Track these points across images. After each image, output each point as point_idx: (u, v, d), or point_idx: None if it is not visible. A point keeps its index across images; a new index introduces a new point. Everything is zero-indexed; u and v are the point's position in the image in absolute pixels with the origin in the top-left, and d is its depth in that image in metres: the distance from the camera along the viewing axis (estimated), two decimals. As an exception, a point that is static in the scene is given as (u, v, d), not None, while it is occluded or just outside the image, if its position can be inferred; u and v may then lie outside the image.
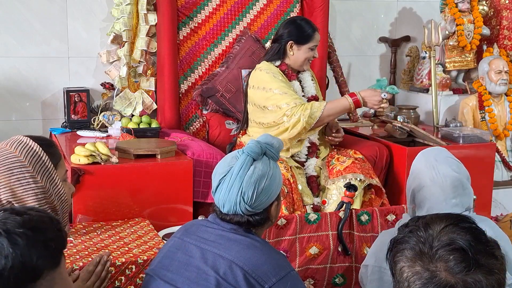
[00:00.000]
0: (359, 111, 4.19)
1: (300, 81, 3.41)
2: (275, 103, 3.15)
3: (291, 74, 3.34)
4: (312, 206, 3.17)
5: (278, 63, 3.31)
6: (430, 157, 2.05)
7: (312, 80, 3.45)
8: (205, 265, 1.70)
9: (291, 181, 3.05)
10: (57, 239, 1.28)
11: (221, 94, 3.75)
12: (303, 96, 3.35)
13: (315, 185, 3.25)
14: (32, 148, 1.79)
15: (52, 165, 1.81)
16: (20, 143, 1.79)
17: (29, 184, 1.76)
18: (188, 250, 1.76)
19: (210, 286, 1.66)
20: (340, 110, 3.21)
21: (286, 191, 2.97)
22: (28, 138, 1.82)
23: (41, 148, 1.80)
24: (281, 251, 2.55)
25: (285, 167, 3.09)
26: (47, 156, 1.80)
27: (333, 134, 3.38)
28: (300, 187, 3.14)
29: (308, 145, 3.31)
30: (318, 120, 3.11)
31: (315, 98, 3.38)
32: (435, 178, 1.98)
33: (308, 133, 3.20)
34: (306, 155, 3.30)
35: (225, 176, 1.76)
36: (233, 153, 1.83)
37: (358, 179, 3.15)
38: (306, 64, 3.34)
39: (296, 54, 3.29)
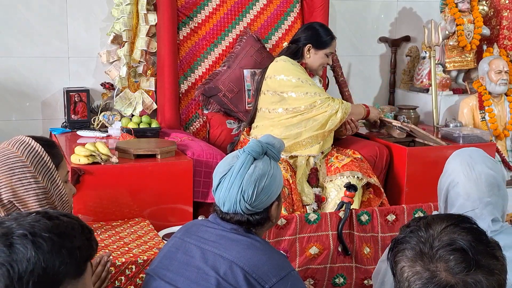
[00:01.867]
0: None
1: None
2: (305, 90, 3.24)
3: (309, 73, 3.43)
4: (312, 204, 3.18)
5: (296, 61, 3.39)
6: (465, 154, 1.99)
7: (320, 83, 3.54)
8: (205, 265, 1.70)
9: (291, 181, 3.05)
10: (84, 248, 1.24)
11: (224, 94, 3.75)
12: None
13: (314, 176, 3.27)
14: (34, 148, 1.79)
15: (54, 166, 1.81)
16: (22, 143, 1.79)
17: (31, 184, 1.76)
18: (188, 250, 1.76)
19: (210, 286, 1.66)
20: (358, 113, 3.47)
21: (287, 193, 2.98)
22: (30, 138, 1.82)
23: (43, 149, 1.80)
24: (281, 251, 2.55)
25: (284, 167, 3.09)
26: (48, 157, 1.80)
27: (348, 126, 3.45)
28: (299, 187, 3.14)
29: None
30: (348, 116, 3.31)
31: None
32: (469, 175, 1.92)
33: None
34: None
35: (225, 174, 1.76)
36: (234, 152, 1.84)
37: (356, 177, 3.15)
38: (320, 69, 3.47)
39: (313, 58, 3.39)
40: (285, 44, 3.76)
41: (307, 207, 3.16)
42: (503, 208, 1.94)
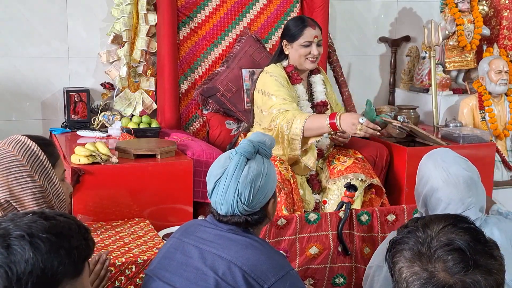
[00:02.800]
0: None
1: (310, 85, 3.37)
2: (270, 104, 3.10)
3: (296, 77, 3.27)
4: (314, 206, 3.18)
5: (286, 63, 3.30)
6: (437, 158, 2.01)
7: (323, 84, 3.39)
8: (204, 266, 1.70)
9: (292, 181, 3.05)
10: (82, 248, 1.24)
11: (222, 93, 3.75)
12: (311, 101, 3.31)
13: (316, 182, 3.26)
14: (30, 147, 1.79)
15: (50, 164, 1.81)
16: (18, 142, 1.79)
17: (27, 183, 1.76)
18: (186, 251, 1.76)
19: (209, 286, 1.66)
20: (317, 127, 2.97)
21: (282, 187, 2.97)
22: (26, 138, 1.81)
23: (39, 147, 1.80)
24: (281, 251, 2.55)
25: (285, 167, 3.09)
26: (45, 155, 1.80)
27: (339, 133, 3.28)
28: (301, 191, 3.13)
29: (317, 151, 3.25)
30: (303, 132, 2.94)
31: (324, 104, 3.33)
32: (447, 179, 1.94)
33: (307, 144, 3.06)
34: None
35: (220, 178, 1.76)
36: (226, 154, 1.82)
37: (360, 179, 3.15)
38: (305, 62, 3.23)
39: (291, 53, 3.26)
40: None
41: (307, 196, 3.16)
42: (482, 204, 1.99)
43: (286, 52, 3.27)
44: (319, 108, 3.32)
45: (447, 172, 1.96)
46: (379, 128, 2.91)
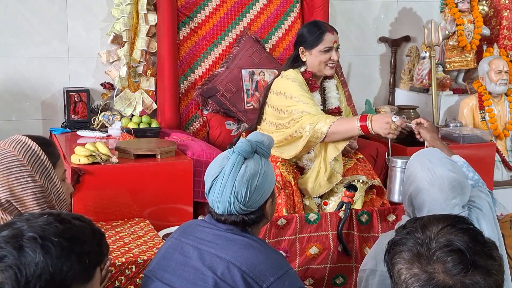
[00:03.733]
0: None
1: (324, 90, 3.32)
2: (295, 108, 3.02)
3: (314, 84, 3.21)
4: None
5: (303, 69, 3.21)
6: (424, 159, 2.02)
7: (336, 89, 3.34)
8: (202, 266, 1.70)
9: (292, 183, 3.04)
10: (94, 254, 1.22)
11: (222, 94, 3.75)
12: (324, 107, 3.26)
13: None
14: (31, 147, 1.79)
15: (51, 164, 1.81)
16: (19, 143, 1.79)
17: (28, 183, 1.76)
18: (185, 251, 1.76)
19: (208, 286, 1.66)
20: (346, 130, 2.88)
21: (281, 188, 2.96)
22: (27, 138, 1.82)
23: (39, 148, 1.80)
24: (281, 251, 2.55)
25: (287, 169, 3.08)
26: (45, 155, 1.80)
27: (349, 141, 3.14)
28: (307, 202, 3.12)
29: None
30: (326, 136, 2.86)
31: (338, 110, 3.28)
32: (432, 180, 1.96)
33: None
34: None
35: (217, 177, 1.76)
36: (223, 153, 1.82)
37: (361, 181, 3.14)
38: (325, 68, 3.17)
39: (309, 59, 3.17)
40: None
41: (307, 201, 3.16)
42: (466, 200, 2.01)
43: (304, 59, 3.18)
44: (333, 115, 3.25)
45: (433, 173, 1.97)
46: (411, 125, 2.79)
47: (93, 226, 1.27)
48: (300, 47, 3.19)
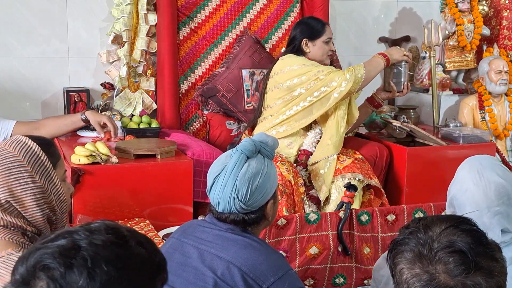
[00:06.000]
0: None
1: None
2: (309, 69, 3.21)
3: None
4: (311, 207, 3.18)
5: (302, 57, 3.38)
6: (475, 161, 1.93)
7: None
8: (202, 266, 1.70)
9: (293, 182, 3.04)
10: (143, 285, 1.11)
11: (222, 94, 3.75)
12: None
13: (314, 197, 3.25)
14: (31, 147, 1.78)
15: (51, 165, 1.80)
16: (19, 143, 1.79)
17: (28, 184, 1.75)
18: (185, 251, 1.76)
19: (208, 287, 1.66)
20: (376, 66, 3.36)
21: (284, 191, 2.97)
22: (27, 138, 1.81)
23: (40, 148, 1.79)
24: (281, 251, 2.55)
25: (287, 168, 3.08)
26: (46, 156, 1.80)
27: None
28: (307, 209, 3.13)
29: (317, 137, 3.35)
30: (364, 80, 3.23)
31: None
32: (478, 182, 1.85)
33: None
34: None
35: (219, 174, 1.76)
36: (227, 152, 1.83)
37: (357, 179, 3.15)
38: (326, 59, 3.41)
39: (313, 50, 3.36)
40: (283, 49, 3.73)
41: (307, 208, 3.16)
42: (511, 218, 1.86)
43: (308, 51, 3.36)
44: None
45: (481, 175, 1.86)
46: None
47: (156, 257, 1.15)
48: (304, 39, 3.33)
